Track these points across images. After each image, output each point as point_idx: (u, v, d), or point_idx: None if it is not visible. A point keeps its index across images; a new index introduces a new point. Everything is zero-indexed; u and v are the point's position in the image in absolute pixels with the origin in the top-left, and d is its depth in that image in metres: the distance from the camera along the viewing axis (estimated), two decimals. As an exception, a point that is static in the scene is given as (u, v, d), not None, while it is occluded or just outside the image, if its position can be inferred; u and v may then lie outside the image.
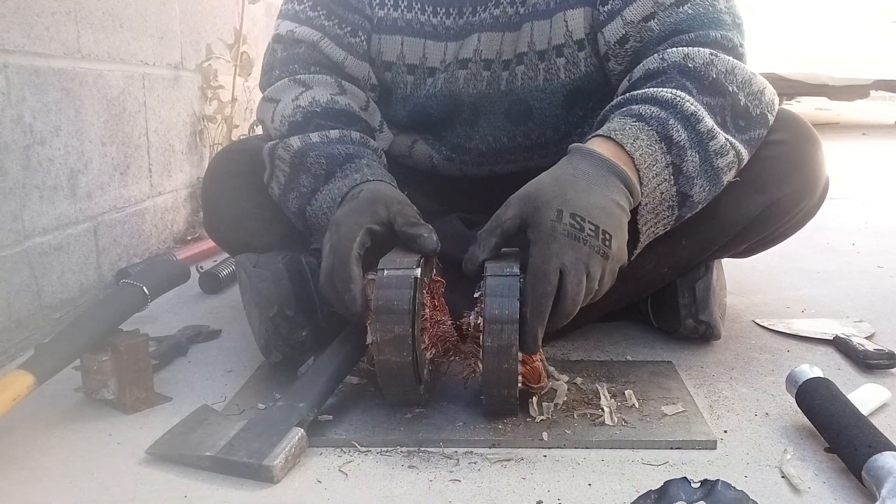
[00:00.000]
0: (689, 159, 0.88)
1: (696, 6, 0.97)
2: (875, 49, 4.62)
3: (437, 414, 0.86)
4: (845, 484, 0.72)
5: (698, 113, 0.89)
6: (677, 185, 0.89)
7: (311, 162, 0.99)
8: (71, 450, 0.81)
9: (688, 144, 0.88)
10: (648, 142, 0.87)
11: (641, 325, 1.16)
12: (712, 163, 0.90)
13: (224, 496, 0.72)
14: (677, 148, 0.88)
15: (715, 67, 0.92)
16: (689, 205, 0.91)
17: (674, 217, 0.92)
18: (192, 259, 1.55)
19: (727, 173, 0.92)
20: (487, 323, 0.79)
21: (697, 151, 0.89)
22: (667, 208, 0.90)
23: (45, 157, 1.17)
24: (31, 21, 1.15)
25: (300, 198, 1.00)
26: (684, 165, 0.89)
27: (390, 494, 0.72)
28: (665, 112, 0.88)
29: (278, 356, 0.98)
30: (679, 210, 0.91)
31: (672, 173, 0.88)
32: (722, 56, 0.94)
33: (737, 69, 0.94)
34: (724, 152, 0.90)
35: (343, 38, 1.09)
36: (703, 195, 0.91)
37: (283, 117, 1.04)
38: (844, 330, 1.12)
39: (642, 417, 0.85)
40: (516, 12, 1.07)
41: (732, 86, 0.93)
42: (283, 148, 1.01)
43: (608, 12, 1.01)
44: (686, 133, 0.88)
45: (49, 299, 1.17)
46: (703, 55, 0.93)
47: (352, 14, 1.10)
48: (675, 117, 0.88)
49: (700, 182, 0.90)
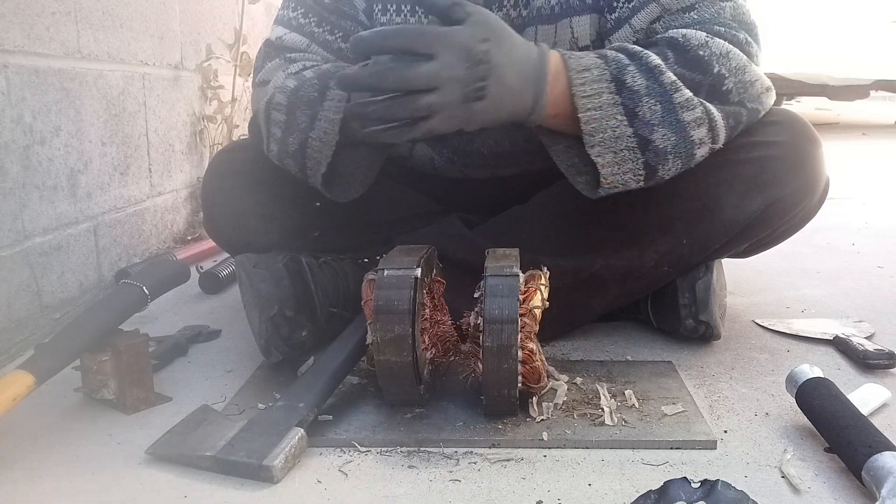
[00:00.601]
0: (646, 105, 0.90)
1: (702, 12, 0.98)
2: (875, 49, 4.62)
3: (437, 414, 0.86)
4: (845, 484, 0.72)
5: (661, 66, 0.90)
6: (633, 128, 0.90)
7: (305, 92, 0.97)
8: (71, 450, 0.81)
9: (644, 91, 0.89)
10: (597, 75, 0.89)
11: (641, 325, 1.16)
12: (677, 115, 0.90)
13: (224, 496, 0.72)
14: (630, 91, 0.89)
15: (708, 48, 0.93)
16: (653, 150, 0.91)
17: (640, 163, 0.91)
18: (192, 259, 1.55)
19: (695, 129, 0.92)
20: (487, 323, 0.79)
21: (659, 101, 0.90)
22: (627, 149, 0.90)
23: (45, 157, 1.17)
24: (31, 21, 1.15)
25: (300, 133, 0.97)
26: (639, 110, 0.90)
27: (390, 494, 0.72)
28: (628, 59, 0.91)
29: (278, 356, 0.98)
30: (643, 154, 0.91)
31: (624, 113, 0.89)
32: (719, 41, 0.94)
33: (732, 54, 0.94)
34: (690, 106, 0.91)
35: (332, 44, 1.09)
36: (667, 144, 0.91)
37: (276, 87, 1.02)
38: (844, 330, 1.12)
39: (642, 417, 0.85)
40: (519, 15, 1.06)
41: (722, 68, 0.93)
42: (279, 91, 0.99)
43: (616, 20, 1.01)
44: (645, 80, 0.90)
45: (49, 299, 1.17)
46: (700, 36, 0.94)
47: (344, 21, 1.10)
48: (637, 65, 0.90)
49: (662, 131, 0.90)
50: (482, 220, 1.13)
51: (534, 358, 0.83)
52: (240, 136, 2.00)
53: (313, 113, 0.95)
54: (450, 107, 0.82)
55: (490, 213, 1.13)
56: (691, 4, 0.98)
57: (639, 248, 1.03)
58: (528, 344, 0.82)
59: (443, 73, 0.80)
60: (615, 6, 1.01)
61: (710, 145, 0.94)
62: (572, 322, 1.10)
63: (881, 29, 4.66)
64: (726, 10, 0.98)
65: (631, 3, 1.00)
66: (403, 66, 0.80)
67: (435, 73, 0.80)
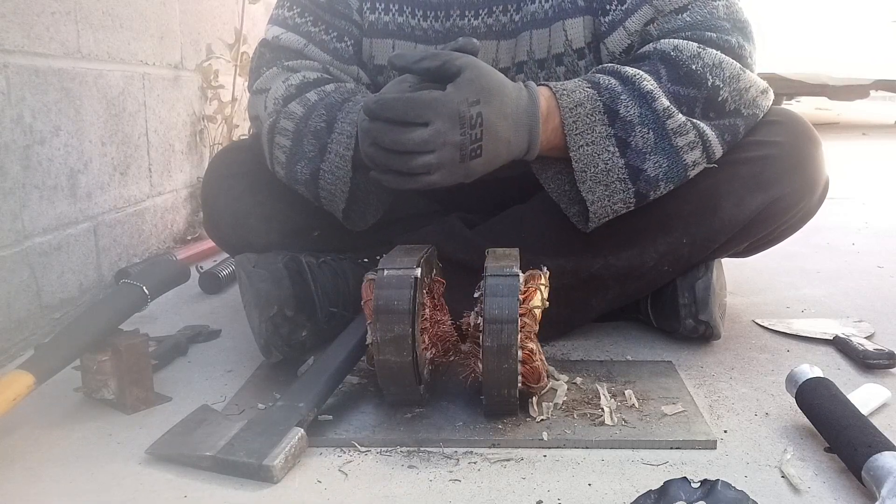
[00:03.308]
0: (639, 134, 0.92)
1: (695, 14, 0.98)
2: (875, 49, 4.62)
3: (437, 414, 0.86)
4: (845, 484, 0.72)
5: (654, 92, 0.92)
6: (625, 158, 0.92)
7: (313, 122, 0.99)
8: (71, 450, 0.81)
9: (637, 120, 0.92)
10: (590, 109, 0.91)
11: (641, 325, 1.16)
12: (670, 141, 0.92)
13: (224, 496, 0.72)
14: (623, 122, 0.91)
15: (701, 60, 0.94)
16: (644, 179, 0.93)
17: (631, 192, 0.94)
18: (192, 259, 1.55)
19: (689, 152, 0.94)
20: (487, 323, 0.79)
21: (651, 129, 0.92)
22: (618, 180, 0.93)
23: (44, 156, 1.17)
24: (31, 21, 1.15)
25: (309, 163, 0.99)
26: (632, 140, 0.92)
27: (390, 494, 0.72)
28: (622, 86, 0.92)
29: (278, 356, 0.98)
30: (634, 184, 0.93)
31: (616, 145, 0.92)
32: (711, 51, 0.95)
33: (724, 64, 0.95)
34: (683, 131, 0.93)
35: (328, 44, 1.10)
36: (659, 171, 0.93)
37: (276, 98, 1.03)
38: (844, 330, 1.12)
39: (642, 417, 0.85)
40: (511, 20, 1.07)
41: (716, 79, 0.94)
42: (286, 117, 1.01)
43: (609, 23, 1.01)
44: (637, 108, 0.92)
45: (49, 299, 1.17)
46: (692, 48, 0.95)
47: (339, 20, 1.10)
48: (629, 93, 0.92)
49: (655, 158, 0.93)
50: (482, 220, 1.13)
51: (534, 358, 0.83)
52: (240, 136, 2.00)
53: (322, 145, 0.98)
54: (448, 166, 0.85)
55: (490, 213, 1.13)
56: (684, 5, 0.99)
57: (639, 247, 1.03)
58: (528, 344, 0.82)
59: (437, 139, 0.83)
60: (608, 9, 1.01)
61: (705, 164, 0.97)
62: (572, 322, 1.10)
63: (881, 29, 4.66)
64: (719, 9, 0.99)
65: (624, 6, 1.00)
66: (399, 130, 0.83)
67: (428, 139, 0.83)
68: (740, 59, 0.97)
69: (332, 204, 1.01)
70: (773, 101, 1.05)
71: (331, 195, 1.00)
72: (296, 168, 1.01)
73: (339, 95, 1.01)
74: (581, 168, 0.92)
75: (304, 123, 0.99)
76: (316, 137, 0.98)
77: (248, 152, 1.16)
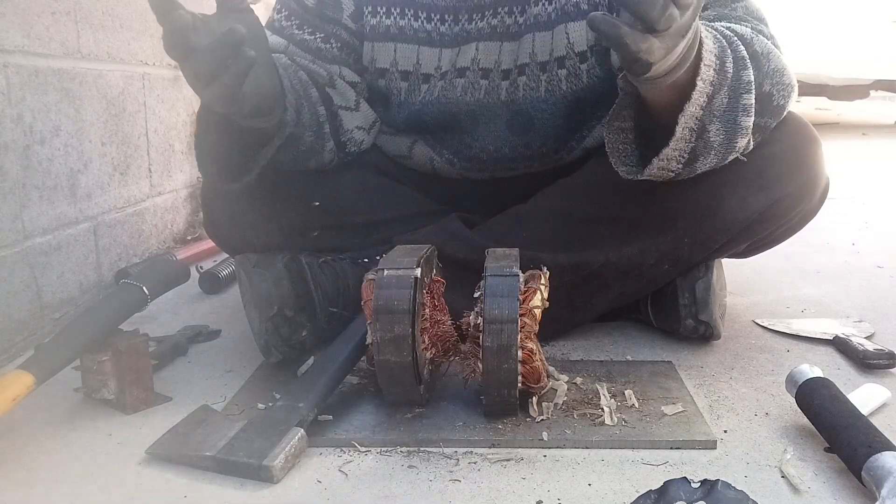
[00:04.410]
0: (722, 95, 0.85)
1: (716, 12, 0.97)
2: (875, 49, 4.62)
3: (437, 414, 0.86)
4: (845, 484, 0.72)
5: (745, 61, 0.86)
6: (703, 111, 0.85)
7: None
8: (71, 450, 0.81)
9: (729, 81, 0.85)
10: (718, 51, 0.84)
11: (641, 325, 1.16)
12: (736, 116, 0.87)
13: (224, 496, 0.72)
14: (721, 75, 0.84)
15: (756, 44, 0.91)
16: (704, 140, 0.87)
17: (689, 147, 0.88)
18: (192, 259, 1.55)
19: (742, 137, 0.89)
20: (487, 323, 0.79)
21: (730, 95, 0.86)
22: (687, 129, 0.86)
23: (44, 157, 1.17)
24: (31, 21, 1.15)
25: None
26: (716, 97, 0.85)
27: (390, 494, 0.72)
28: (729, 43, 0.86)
29: (278, 356, 0.98)
30: (696, 140, 0.87)
31: (707, 94, 0.84)
32: (762, 38, 0.92)
33: (772, 54, 0.92)
34: (748, 113, 0.88)
35: (311, 43, 1.10)
36: (717, 139, 0.88)
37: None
38: (844, 330, 1.12)
39: (642, 417, 0.85)
40: (515, 22, 1.07)
41: (766, 66, 0.91)
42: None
43: None
44: (733, 69, 0.85)
45: (49, 299, 1.17)
46: (746, 30, 0.91)
47: (327, 24, 1.11)
48: (733, 52, 0.85)
49: (718, 125, 0.87)
50: (482, 220, 1.13)
51: (534, 358, 0.83)
52: (240, 136, 1.99)
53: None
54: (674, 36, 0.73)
55: (490, 213, 1.13)
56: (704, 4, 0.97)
57: (639, 246, 1.03)
58: (528, 344, 0.82)
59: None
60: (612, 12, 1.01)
61: (737, 155, 0.93)
62: (572, 322, 1.10)
63: (881, 29, 4.66)
64: (738, 9, 0.98)
65: None
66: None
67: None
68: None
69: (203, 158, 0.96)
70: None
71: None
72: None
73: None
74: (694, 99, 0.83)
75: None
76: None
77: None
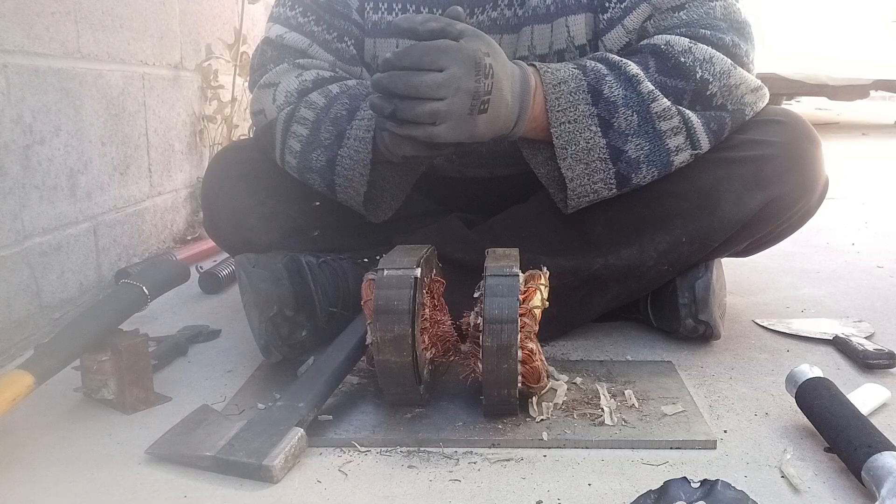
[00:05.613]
0: (622, 115, 0.93)
1: (692, 13, 0.99)
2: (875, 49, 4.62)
3: (437, 414, 0.86)
4: (845, 484, 0.72)
5: (639, 76, 0.93)
6: (607, 139, 0.93)
7: (334, 110, 1.00)
8: (71, 450, 0.81)
9: (622, 101, 0.93)
10: (573, 87, 0.93)
11: (641, 325, 1.16)
12: (653, 124, 0.94)
13: (224, 496, 0.72)
14: (606, 102, 0.93)
15: (691, 54, 0.95)
16: (625, 160, 0.94)
17: (612, 173, 0.95)
18: (192, 259, 1.55)
19: (672, 137, 0.95)
20: (487, 323, 0.79)
21: (636, 111, 0.93)
22: (599, 160, 0.94)
23: (44, 156, 1.17)
24: (31, 21, 1.15)
25: (326, 150, 1.00)
26: (615, 120, 0.93)
27: (390, 494, 0.72)
28: (607, 69, 0.94)
29: (278, 356, 0.98)
30: (615, 165, 0.94)
31: (598, 124, 0.93)
32: (702, 46, 0.96)
33: (715, 59, 0.96)
34: (667, 116, 0.94)
35: (331, 44, 1.10)
36: (641, 154, 0.94)
37: (289, 92, 1.04)
38: (844, 330, 1.12)
39: (642, 417, 0.85)
40: (514, 14, 1.07)
41: (705, 73, 0.95)
42: (307, 106, 1.02)
43: (608, 20, 1.02)
44: (622, 90, 0.93)
45: (49, 299, 1.17)
46: (683, 42, 0.96)
47: (339, 20, 1.10)
48: (615, 75, 0.93)
49: (637, 140, 0.94)
50: (482, 220, 1.13)
51: (534, 358, 0.83)
52: (240, 136, 2.00)
53: (340, 131, 0.98)
54: (456, 117, 0.84)
55: (490, 213, 1.13)
56: (681, 4, 0.99)
57: (638, 246, 1.03)
58: (528, 344, 0.82)
59: (452, 84, 0.83)
60: (607, 6, 1.02)
61: (690, 151, 0.97)
62: (572, 322, 1.10)
63: (881, 29, 4.66)
64: (716, 9, 0.99)
65: (623, 4, 1.01)
66: (414, 74, 0.83)
67: (442, 82, 0.82)
68: (734, 56, 0.98)
69: (348, 191, 1.01)
70: (768, 100, 1.06)
71: (347, 181, 1.00)
72: (311, 156, 1.01)
73: (362, 88, 1.02)
74: (562, 145, 0.93)
75: (325, 112, 1.00)
76: (335, 125, 0.99)
77: (248, 152, 1.16)
